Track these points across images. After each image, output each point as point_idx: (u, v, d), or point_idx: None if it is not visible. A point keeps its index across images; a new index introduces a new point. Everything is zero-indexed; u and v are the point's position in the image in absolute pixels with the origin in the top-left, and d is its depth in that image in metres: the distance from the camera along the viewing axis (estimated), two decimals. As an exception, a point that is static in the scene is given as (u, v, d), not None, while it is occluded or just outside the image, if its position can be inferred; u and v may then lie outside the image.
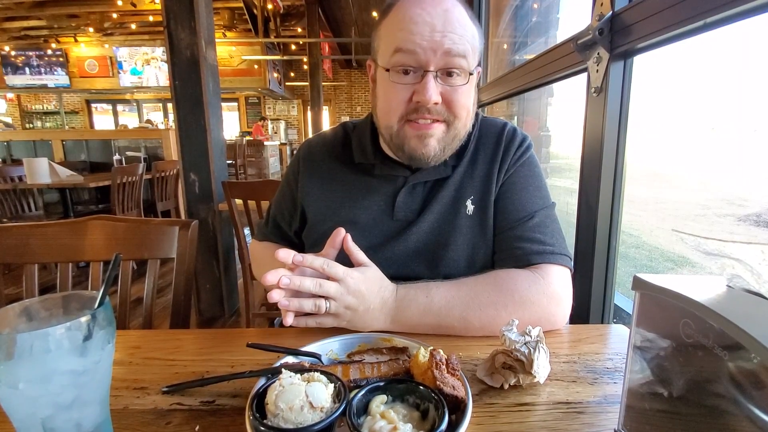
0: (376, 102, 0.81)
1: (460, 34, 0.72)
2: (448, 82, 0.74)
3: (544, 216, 0.81)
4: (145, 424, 0.53)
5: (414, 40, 0.71)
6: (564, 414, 0.54)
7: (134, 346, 0.72)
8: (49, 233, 1.06)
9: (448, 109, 0.75)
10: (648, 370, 0.48)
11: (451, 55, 0.72)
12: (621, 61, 0.76)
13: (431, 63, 0.72)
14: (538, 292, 0.73)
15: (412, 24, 0.71)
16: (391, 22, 0.75)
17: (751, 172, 1.40)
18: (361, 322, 0.69)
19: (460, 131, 0.78)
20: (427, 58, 0.71)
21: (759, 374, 0.33)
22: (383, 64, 0.76)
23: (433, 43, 0.71)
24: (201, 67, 2.73)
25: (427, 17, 0.71)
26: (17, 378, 0.39)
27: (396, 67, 0.74)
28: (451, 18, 0.72)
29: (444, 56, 0.71)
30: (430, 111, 0.74)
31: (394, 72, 0.74)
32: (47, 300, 0.45)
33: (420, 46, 0.71)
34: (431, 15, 0.71)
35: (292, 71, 12.64)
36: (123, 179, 3.83)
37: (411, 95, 0.74)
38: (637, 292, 0.46)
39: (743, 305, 0.35)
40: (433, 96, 0.72)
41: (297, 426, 0.43)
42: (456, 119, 0.76)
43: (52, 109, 11.56)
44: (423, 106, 0.73)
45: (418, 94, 0.73)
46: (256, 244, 1.05)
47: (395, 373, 0.58)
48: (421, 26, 0.71)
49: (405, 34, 0.72)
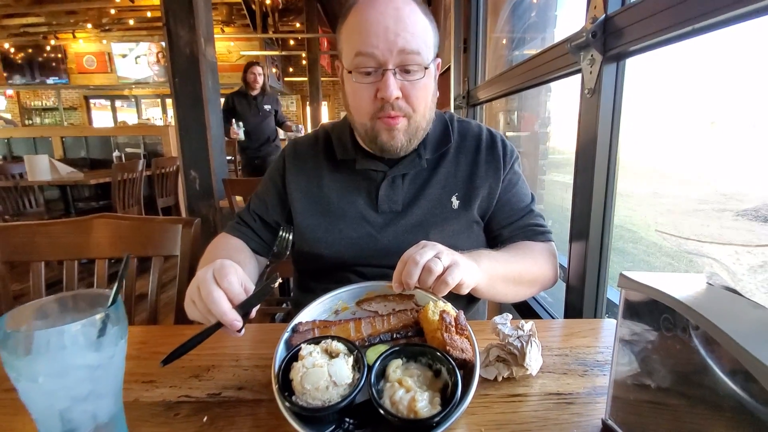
0: (347, 100, 0.88)
1: (411, 32, 0.77)
2: (406, 78, 0.80)
3: (534, 206, 0.99)
4: (155, 415, 0.55)
5: (371, 42, 0.77)
6: (555, 404, 0.56)
7: (141, 341, 0.75)
8: (54, 231, 1.09)
9: (408, 103, 0.82)
10: (635, 363, 0.50)
11: (405, 53, 0.77)
12: (614, 64, 0.78)
13: (389, 62, 0.77)
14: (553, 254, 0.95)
15: (368, 26, 0.77)
16: (349, 25, 0.81)
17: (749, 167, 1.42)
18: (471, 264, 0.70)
19: (421, 122, 0.85)
20: (384, 58, 0.77)
21: (735, 367, 0.35)
22: (347, 66, 0.82)
23: (388, 44, 0.76)
24: (200, 64, 2.74)
25: (380, 18, 0.76)
26: (36, 373, 0.41)
27: (358, 69, 0.80)
28: (403, 16, 0.77)
29: (399, 54, 0.77)
30: (394, 107, 0.80)
31: (357, 73, 0.80)
32: (62, 298, 0.47)
33: (377, 48, 0.77)
34: (384, 15, 0.76)
35: (290, 66, 12.60)
36: (123, 176, 3.85)
37: (375, 93, 0.80)
38: (622, 289, 0.49)
39: (719, 302, 0.37)
40: (394, 92, 0.78)
41: (324, 403, 0.48)
42: (415, 112, 0.83)
43: (50, 105, 11.51)
44: (387, 102, 0.79)
45: (381, 91, 0.79)
46: (224, 237, 1.00)
47: (405, 326, 0.63)
48: (376, 27, 0.76)
49: (362, 38, 0.77)
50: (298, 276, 1.04)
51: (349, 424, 0.49)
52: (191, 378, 0.63)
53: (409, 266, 0.63)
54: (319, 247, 0.92)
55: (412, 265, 0.63)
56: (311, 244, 0.93)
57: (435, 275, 0.63)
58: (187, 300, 0.65)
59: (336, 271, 0.93)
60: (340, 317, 0.68)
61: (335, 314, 0.69)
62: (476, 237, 0.96)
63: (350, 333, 0.62)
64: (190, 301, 0.63)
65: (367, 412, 0.50)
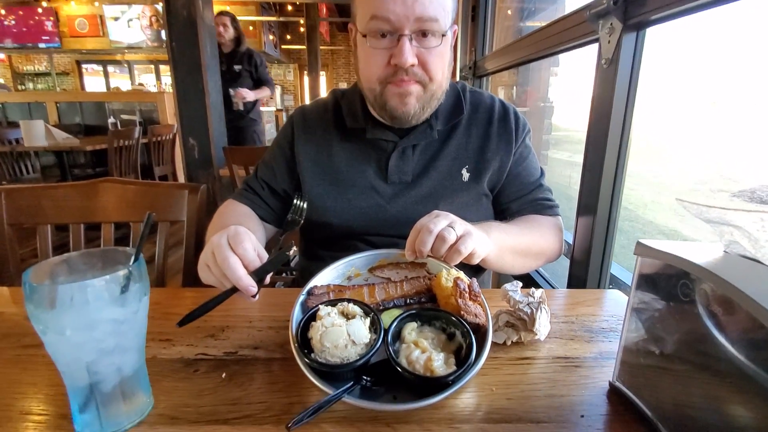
0: (359, 65, 0.86)
1: None
2: (423, 44, 0.78)
3: (543, 180, 0.99)
4: (175, 371, 0.57)
5: (387, 7, 0.74)
6: (562, 367, 0.58)
7: (155, 302, 0.74)
8: (59, 195, 1.08)
9: (424, 71, 0.79)
10: (642, 330, 0.52)
11: (423, 20, 0.75)
12: (633, 33, 0.76)
13: (405, 27, 0.75)
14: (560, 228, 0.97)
15: None
16: None
17: (747, 148, 1.42)
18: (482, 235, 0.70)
19: (437, 91, 0.83)
20: (400, 23, 0.75)
21: (750, 330, 0.36)
22: (361, 29, 0.80)
23: (405, 8, 0.74)
24: (198, 27, 2.66)
25: None
26: (63, 325, 0.42)
27: (372, 33, 0.77)
28: None
29: (417, 21, 0.75)
30: (408, 73, 0.78)
31: (371, 37, 0.78)
32: (87, 254, 0.47)
33: (393, 13, 0.74)
34: None
35: (288, 34, 12.22)
36: (119, 143, 3.79)
37: (389, 58, 0.78)
38: (638, 257, 0.49)
39: (738, 268, 0.38)
40: (409, 58, 0.76)
41: (343, 360, 0.50)
42: (431, 81, 0.81)
43: (43, 70, 11.19)
44: (401, 68, 0.77)
45: (395, 57, 0.77)
46: (232, 203, 0.99)
47: (417, 292, 0.64)
48: None
49: (378, 2, 0.75)
50: (305, 244, 1.04)
51: (367, 381, 0.51)
52: (207, 337, 0.65)
53: (423, 234, 0.64)
54: (328, 216, 0.92)
55: (425, 233, 0.64)
56: (320, 213, 0.93)
57: (448, 244, 0.64)
58: (201, 264, 0.66)
59: (344, 239, 0.93)
60: (353, 283, 0.69)
61: (348, 280, 0.70)
62: (485, 209, 0.96)
63: (364, 297, 0.63)
64: (205, 265, 0.64)
65: (382, 372, 0.52)
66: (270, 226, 1.00)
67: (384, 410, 0.49)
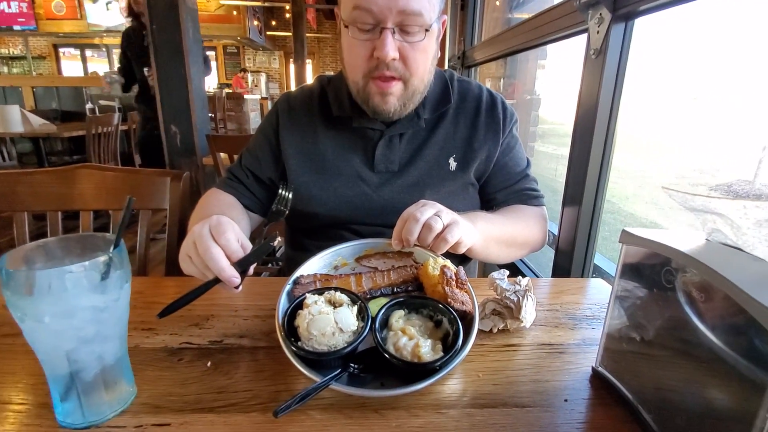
0: (342, 55, 0.84)
1: None
2: (405, 39, 0.76)
3: (529, 171, 1.00)
4: (159, 360, 0.56)
5: None
6: (547, 354, 0.59)
7: (137, 291, 0.74)
8: (36, 181, 1.04)
9: (405, 66, 0.78)
10: (624, 317, 0.53)
11: (406, 14, 0.73)
12: (622, 23, 0.77)
13: (388, 20, 0.73)
14: (545, 218, 0.97)
15: None
16: None
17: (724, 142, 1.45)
18: (468, 224, 0.69)
19: (419, 86, 0.82)
20: (383, 14, 0.73)
21: (728, 316, 0.37)
22: (344, 18, 0.78)
23: (388, 1, 0.72)
24: (180, 10, 2.58)
25: None
26: (42, 312, 0.40)
27: (355, 24, 0.76)
28: None
29: (399, 14, 0.73)
30: (389, 67, 0.77)
31: (354, 28, 0.76)
32: (64, 239, 0.46)
33: (376, 4, 0.72)
34: None
35: (273, 20, 11.99)
36: (98, 129, 3.68)
37: (371, 51, 0.76)
38: (623, 245, 0.50)
39: (721, 255, 0.39)
40: (391, 52, 0.74)
41: (330, 348, 0.50)
42: (412, 76, 0.80)
43: (18, 54, 10.76)
44: (382, 62, 0.76)
45: (377, 50, 0.75)
46: (215, 192, 0.97)
47: (404, 281, 0.64)
48: None
49: None
50: (291, 234, 1.03)
51: (354, 368, 0.51)
52: (191, 326, 0.64)
53: (410, 223, 0.64)
54: (314, 205, 0.91)
55: (412, 222, 0.63)
56: (305, 202, 0.92)
57: (435, 232, 0.64)
58: (182, 255, 0.64)
59: (330, 229, 0.93)
60: (340, 272, 0.69)
61: (335, 269, 0.70)
62: (471, 199, 0.96)
63: (351, 286, 0.63)
64: (186, 256, 0.62)
65: (370, 359, 0.52)
66: (255, 216, 0.99)
67: (372, 396, 0.49)
